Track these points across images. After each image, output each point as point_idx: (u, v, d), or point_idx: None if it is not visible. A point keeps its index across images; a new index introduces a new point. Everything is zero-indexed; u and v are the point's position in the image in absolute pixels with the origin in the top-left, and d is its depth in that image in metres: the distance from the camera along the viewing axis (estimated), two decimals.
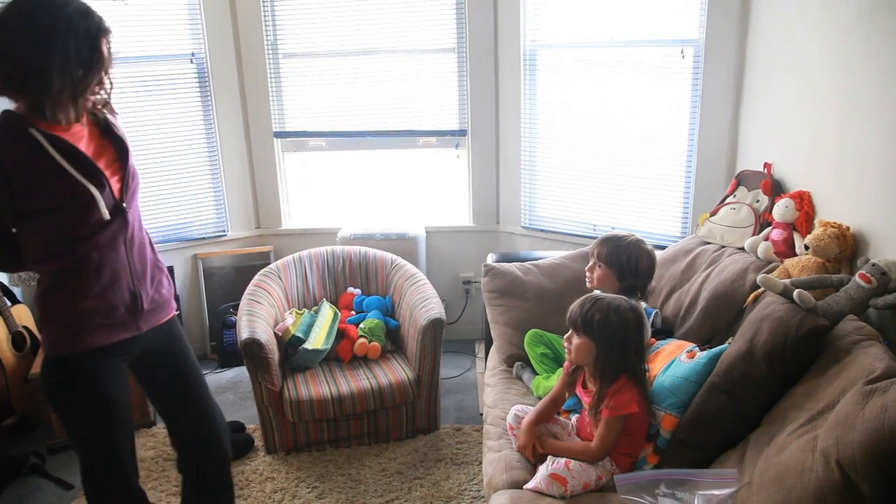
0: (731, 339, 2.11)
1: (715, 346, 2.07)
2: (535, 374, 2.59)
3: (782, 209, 2.43)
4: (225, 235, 4.07)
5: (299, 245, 3.79)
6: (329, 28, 3.81)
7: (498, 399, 2.49)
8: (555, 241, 3.82)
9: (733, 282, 2.35)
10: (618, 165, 3.54)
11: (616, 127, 3.51)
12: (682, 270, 2.68)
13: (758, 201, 2.66)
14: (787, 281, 1.99)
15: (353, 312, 3.36)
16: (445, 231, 4.08)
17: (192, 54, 3.76)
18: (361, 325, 3.23)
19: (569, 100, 3.63)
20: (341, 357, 3.16)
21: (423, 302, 3.07)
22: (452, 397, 3.48)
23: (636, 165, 3.49)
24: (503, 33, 3.68)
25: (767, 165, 2.74)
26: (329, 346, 3.12)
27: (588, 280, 2.47)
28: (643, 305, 2.23)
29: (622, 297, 2.03)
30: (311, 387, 2.92)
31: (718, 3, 3.07)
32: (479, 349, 3.98)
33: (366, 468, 2.86)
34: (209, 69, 3.79)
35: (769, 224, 2.53)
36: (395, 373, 3.01)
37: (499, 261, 3.05)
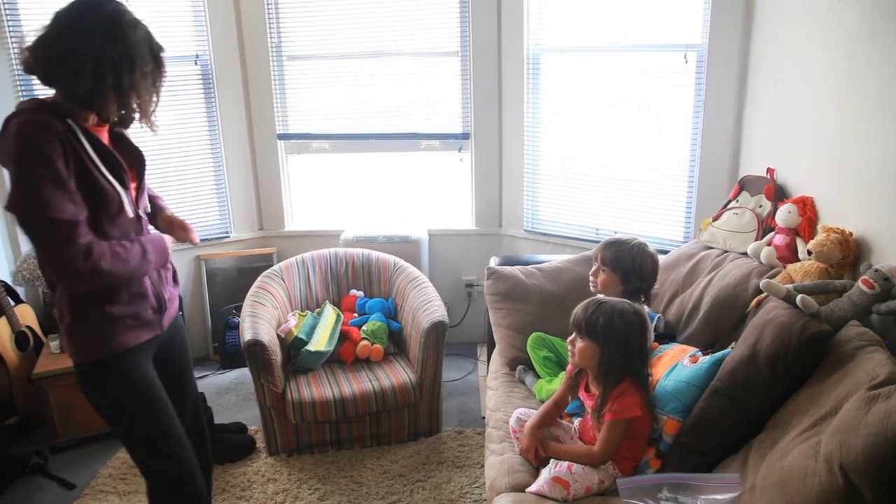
0: (733, 343, 2.11)
1: (717, 351, 2.07)
2: (538, 377, 2.59)
3: (785, 214, 2.44)
4: (228, 237, 4.08)
5: (302, 247, 3.80)
6: (333, 30, 3.82)
7: (500, 402, 2.49)
8: (557, 244, 3.82)
9: (736, 286, 2.35)
10: (621, 169, 3.55)
11: (619, 131, 3.51)
12: (685, 275, 2.69)
13: (760, 206, 2.67)
14: (790, 286, 2.00)
15: (355, 314, 3.37)
16: (448, 234, 4.09)
17: (197, 56, 3.77)
18: (364, 328, 3.23)
19: (572, 104, 3.63)
20: (344, 359, 3.17)
21: (426, 304, 3.08)
22: (454, 400, 3.48)
23: (639, 170, 3.49)
24: (507, 37, 3.69)
25: (770, 170, 2.74)
26: (332, 348, 3.12)
27: (592, 284, 2.48)
28: (646, 309, 2.24)
29: (626, 300, 2.04)
30: (314, 388, 2.92)
31: (722, 9, 3.08)
32: (481, 352, 3.98)
33: (367, 470, 2.86)
34: (213, 71, 3.80)
35: (772, 229, 2.53)
36: (397, 375, 3.02)
37: (501, 264, 3.05)
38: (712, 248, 2.73)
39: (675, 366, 2.09)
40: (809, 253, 2.16)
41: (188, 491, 1.94)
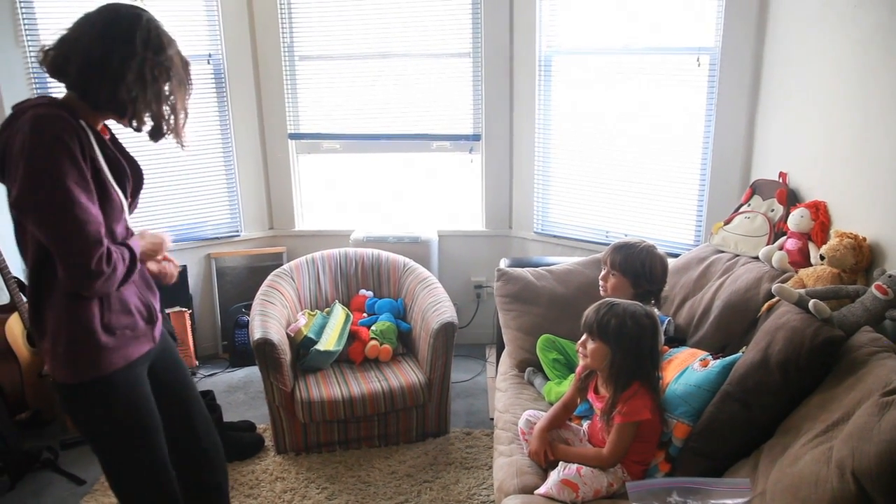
0: (744, 348, 2.11)
1: (728, 355, 2.06)
2: (547, 379, 2.59)
3: (797, 219, 2.42)
4: (238, 236, 4.09)
5: (312, 246, 3.81)
6: (345, 31, 3.83)
7: (509, 404, 2.49)
8: (567, 246, 3.81)
9: (747, 291, 2.34)
10: (632, 172, 3.54)
11: (630, 134, 3.50)
12: (696, 279, 2.68)
13: (773, 210, 2.66)
14: (803, 291, 1.99)
15: (364, 314, 3.37)
16: (458, 235, 4.09)
17: (210, 55, 3.78)
18: (373, 328, 3.24)
19: (583, 106, 3.63)
20: (352, 359, 3.17)
21: (435, 305, 3.08)
22: (462, 401, 3.48)
23: (650, 173, 3.48)
24: (519, 39, 3.69)
25: (783, 175, 2.73)
26: (341, 348, 3.13)
27: (602, 289, 2.47)
28: (656, 312, 2.23)
29: (637, 303, 2.03)
30: (323, 388, 2.93)
31: (735, 12, 3.07)
32: (490, 354, 3.98)
33: (375, 470, 2.86)
34: (226, 70, 3.82)
35: (784, 233, 2.52)
36: (406, 375, 3.02)
37: (511, 266, 3.05)
38: (723, 251, 2.72)
39: (686, 369, 2.08)
40: (822, 258, 2.15)
41: None
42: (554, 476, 1.94)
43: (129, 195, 1.80)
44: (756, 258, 2.55)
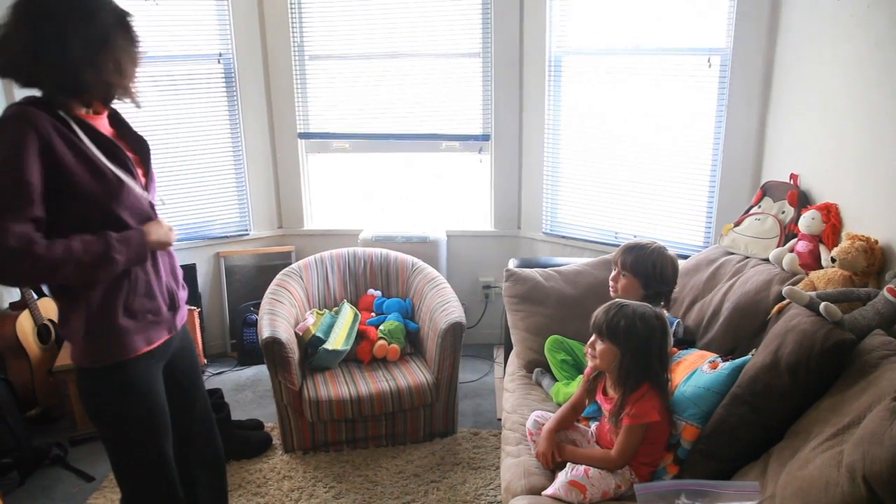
0: (753, 350, 2.10)
1: (737, 358, 2.05)
2: (555, 380, 2.58)
3: (808, 221, 2.41)
4: (247, 234, 4.10)
5: (321, 246, 3.82)
6: (355, 31, 3.83)
7: (517, 404, 2.48)
8: (576, 247, 3.81)
9: (757, 293, 2.33)
10: (641, 173, 3.52)
11: (640, 134, 3.49)
12: (706, 280, 2.67)
13: (783, 212, 2.64)
14: (813, 293, 1.97)
15: (373, 314, 3.38)
16: (466, 235, 4.09)
17: (220, 54, 3.79)
18: (381, 327, 3.24)
19: (593, 107, 3.62)
20: (360, 358, 3.18)
21: (444, 305, 3.08)
22: (470, 401, 3.48)
23: (660, 173, 3.47)
24: (529, 39, 3.68)
25: (794, 176, 2.72)
26: (349, 347, 3.13)
27: (612, 290, 2.46)
28: (666, 314, 2.22)
29: (647, 304, 2.02)
30: (331, 387, 2.93)
31: (746, 13, 3.05)
32: (498, 354, 3.98)
33: (383, 470, 2.86)
34: (236, 69, 3.83)
35: (794, 236, 2.50)
36: (413, 375, 3.02)
37: (520, 266, 3.05)
38: (733, 253, 2.71)
39: (695, 371, 2.07)
40: (833, 260, 2.13)
41: None
42: (562, 477, 1.93)
43: (140, 169, 1.78)
44: (766, 260, 2.53)
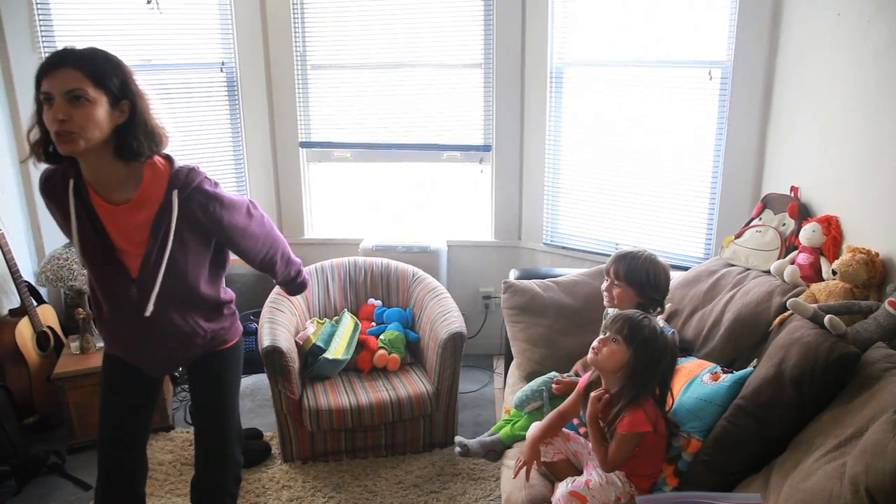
0: (754, 362, 2.10)
1: (738, 369, 2.05)
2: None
3: (809, 233, 2.41)
4: None
5: (321, 255, 3.81)
6: (358, 41, 3.85)
7: None
8: (576, 258, 3.81)
9: (758, 304, 2.33)
10: (642, 184, 3.53)
11: (641, 146, 3.50)
12: (706, 291, 2.66)
13: (784, 225, 2.65)
14: (816, 306, 1.97)
15: (373, 323, 3.37)
16: (467, 245, 4.09)
17: (223, 63, 3.81)
18: (382, 337, 3.23)
19: (594, 118, 3.63)
20: (360, 368, 3.17)
21: (444, 315, 3.08)
22: (469, 412, 3.47)
23: (660, 185, 3.48)
24: (530, 50, 3.70)
25: (794, 189, 2.72)
26: (349, 357, 3.13)
27: (607, 300, 2.45)
28: (662, 324, 2.21)
29: (667, 327, 2.02)
30: (331, 396, 2.92)
31: (747, 26, 3.07)
32: (498, 365, 3.97)
33: (382, 480, 2.85)
34: (238, 78, 3.84)
35: (795, 248, 2.51)
36: (413, 385, 3.01)
37: (520, 277, 3.05)
38: (734, 265, 2.71)
39: (694, 380, 2.07)
40: (834, 273, 2.13)
41: (99, 490, 2.07)
42: (562, 488, 1.93)
43: (130, 246, 1.86)
44: (767, 272, 2.53)
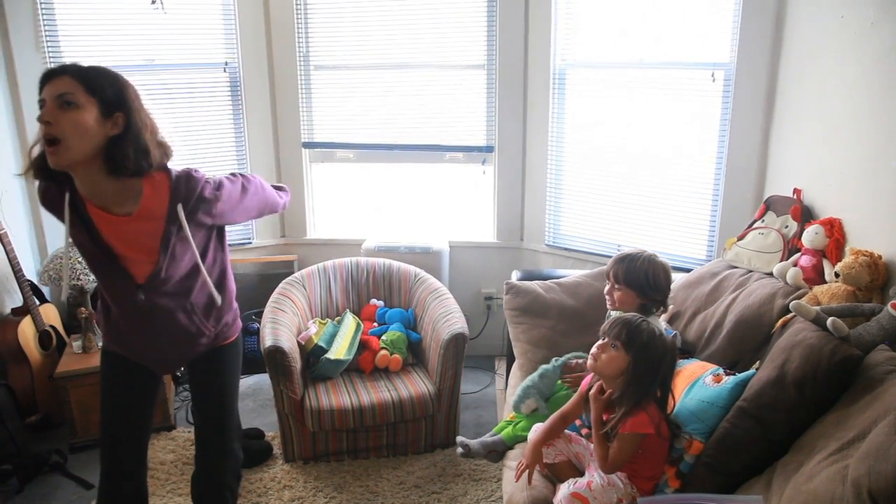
0: (757, 364, 2.10)
1: (740, 371, 2.05)
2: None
3: (812, 235, 2.41)
4: (250, 243, 4.11)
5: (324, 255, 3.82)
6: (360, 41, 3.85)
7: None
8: (578, 259, 3.81)
9: (761, 306, 2.33)
10: (644, 186, 3.53)
11: (644, 148, 3.50)
12: (708, 293, 2.66)
13: (786, 227, 2.65)
14: (818, 308, 1.97)
15: (375, 324, 3.38)
16: (469, 246, 4.09)
17: (226, 63, 3.81)
18: (383, 337, 3.24)
19: (597, 119, 3.63)
20: (362, 368, 3.17)
21: (446, 316, 3.08)
22: (471, 413, 3.47)
23: (663, 187, 3.48)
24: (533, 52, 3.70)
25: (797, 191, 2.72)
26: (351, 357, 3.13)
27: (609, 304, 2.45)
28: (663, 325, 2.21)
29: (668, 330, 2.01)
30: (332, 397, 2.92)
31: (751, 28, 3.07)
32: (499, 366, 3.97)
33: (383, 480, 2.85)
34: (241, 78, 3.85)
35: (798, 250, 2.51)
36: (415, 386, 3.01)
37: (522, 278, 3.05)
38: (736, 267, 2.71)
39: (696, 382, 2.07)
40: (837, 275, 2.13)
41: (102, 488, 2.08)
42: (564, 489, 1.92)
43: (146, 260, 1.93)
44: (769, 274, 2.53)
